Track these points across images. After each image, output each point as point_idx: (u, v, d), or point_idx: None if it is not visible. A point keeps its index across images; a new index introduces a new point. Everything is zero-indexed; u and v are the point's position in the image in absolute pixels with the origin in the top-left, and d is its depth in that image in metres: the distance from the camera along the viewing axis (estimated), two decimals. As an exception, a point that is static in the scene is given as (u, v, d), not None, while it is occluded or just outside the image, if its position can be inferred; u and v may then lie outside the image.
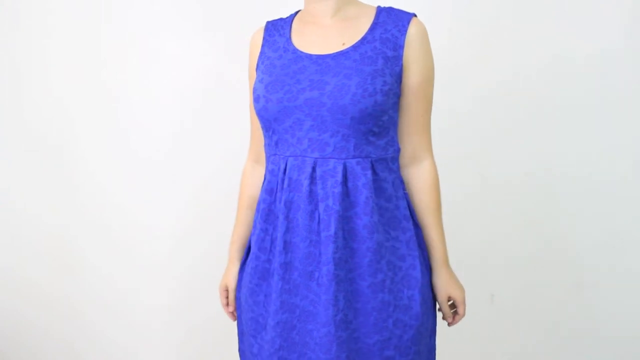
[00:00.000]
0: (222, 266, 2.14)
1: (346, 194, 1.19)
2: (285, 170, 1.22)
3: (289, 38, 1.29)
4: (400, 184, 1.27)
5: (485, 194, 2.05)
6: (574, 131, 1.99)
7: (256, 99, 1.25)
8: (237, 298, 1.39)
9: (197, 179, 2.16)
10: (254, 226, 1.30)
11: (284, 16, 1.40)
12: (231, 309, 1.43)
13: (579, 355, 2.10)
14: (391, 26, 1.24)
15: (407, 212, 1.26)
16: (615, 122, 1.97)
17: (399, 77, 1.22)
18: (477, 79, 1.98)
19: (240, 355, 1.41)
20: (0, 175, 2.26)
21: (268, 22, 1.37)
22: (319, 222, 1.19)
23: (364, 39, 1.23)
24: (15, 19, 2.16)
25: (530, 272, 2.07)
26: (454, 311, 1.34)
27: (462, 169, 2.02)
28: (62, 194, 2.22)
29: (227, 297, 1.44)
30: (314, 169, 1.19)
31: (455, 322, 1.36)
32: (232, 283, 1.41)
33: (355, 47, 1.21)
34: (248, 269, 1.32)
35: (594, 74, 1.95)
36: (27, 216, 2.26)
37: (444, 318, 1.36)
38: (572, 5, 1.93)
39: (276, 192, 1.25)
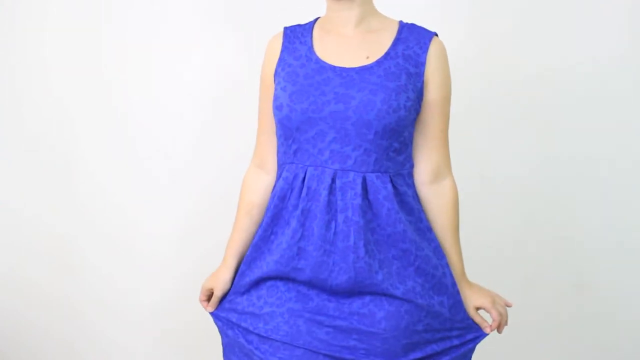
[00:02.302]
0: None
1: (368, 207, 1.22)
2: (304, 179, 1.24)
3: (311, 47, 1.29)
4: (418, 197, 1.31)
5: (485, 194, 2.05)
6: (574, 131, 1.99)
7: (278, 107, 1.25)
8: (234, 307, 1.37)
9: (198, 180, 2.16)
10: (264, 228, 1.30)
11: (296, 21, 1.40)
12: (210, 309, 1.41)
13: (579, 355, 2.10)
14: (413, 43, 1.26)
15: (429, 224, 1.30)
16: (616, 122, 1.97)
17: (420, 94, 1.25)
18: (477, 79, 1.98)
19: (226, 354, 1.39)
20: (0, 175, 2.26)
21: (286, 28, 1.36)
22: (335, 232, 1.21)
23: (387, 54, 1.24)
24: (16, 19, 2.16)
25: (530, 272, 2.08)
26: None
27: (462, 169, 2.02)
28: (62, 194, 2.22)
29: (208, 298, 1.42)
30: (333, 180, 1.21)
31: (496, 327, 1.33)
32: (219, 288, 1.39)
33: (379, 63, 1.23)
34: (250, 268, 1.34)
35: (594, 74, 1.95)
36: (27, 216, 2.26)
37: (482, 329, 1.34)
38: (572, 7, 1.93)
39: (289, 199, 1.26)
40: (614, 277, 2.04)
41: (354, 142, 1.20)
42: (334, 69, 1.24)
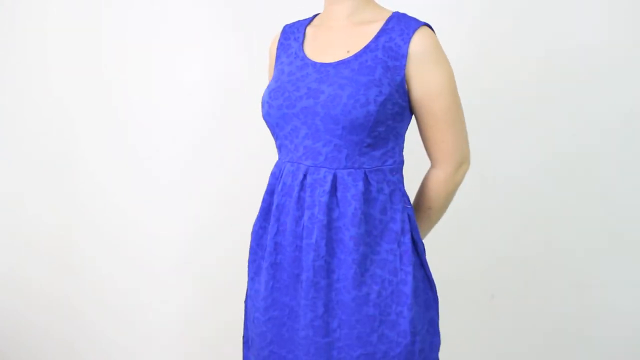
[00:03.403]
0: (222, 266, 2.14)
1: (336, 204, 1.20)
2: (282, 174, 1.25)
3: (302, 44, 1.30)
4: (402, 197, 1.26)
5: (485, 194, 2.05)
6: (574, 131, 1.99)
7: (262, 105, 1.28)
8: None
9: (198, 180, 2.16)
10: (255, 223, 1.33)
11: (299, 17, 1.40)
12: None
13: (579, 356, 2.10)
14: (397, 34, 1.21)
15: (406, 226, 1.24)
16: (616, 122, 1.97)
17: (400, 87, 1.20)
18: (476, 79, 1.98)
19: (244, 344, 1.43)
20: (1, 176, 2.26)
21: (286, 26, 1.38)
22: (303, 228, 1.21)
23: (367, 47, 1.22)
24: (16, 19, 2.16)
25: (530, 272, 2.07)
26: None
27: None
28: (62, 194, 2.22)
29: None
30: (305, 177, 1.21)
31: None
32: None
33: (357, 56, 1.21)
34: (249, 262, 1.36)
35: (595, 74, 1.95)
36: (27, 216, 2.26)
37: None
38: (573, 6, 1.93)
39: (274, 194, 1.28)
40: (615, 277, 2.04)
41: (324, 138, 1.19)
42: (314, 65, 1.24)
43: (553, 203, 2.04)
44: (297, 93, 1.21)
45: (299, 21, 1.38)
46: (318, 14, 1.38)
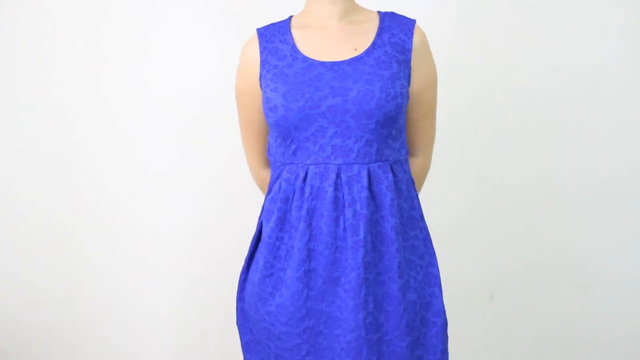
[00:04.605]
0: (222, 268, 2.14)
1: (372, 198, 1.22)
2: (305, 178, 1.23)
3: (294, 45, 1.27)
4: (412, 183, 1.32)
5: (485, 196, 2.05)
6: (573, 134, 1.99)
7: (272, 109, 1.23)
8: (240, 309, 1.37)
9: (200, 181, 2.16)
10: (268, 234, 1.28)
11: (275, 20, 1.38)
12: None
13: (579, 356, 2.10)
14: (397, 30, 1.27)
15: (421, 212, 1.31)
16: (615, 126, 1.97)
17: (409, 80, 1.26)
18: (476, 83, 1.98)
19: None
20: (1, 176, 2.26)
21: (259, 30, 1.34)
22: (344, 228, 1.21)
23: (374, 43, 1.25)
24: (16, 19, 2.16)
25: (530, 272, 2.08)
26: None
27: (462, 172, 2.03)
28: (62, 194, 2.22)
29: None
30: (338, 176, 1.21)
31: None
32: None
33: (368, 53, 1.24)
34: (256, 278, 1.29)
35: (594, 78, 1.95)
36: (27, 216, 2.26)
37: None
38: (572, 10, 1.93)
39: (292, 200, 1.24)
40: (613, 279, 2.04)
41: (355, 134, 1.20)
42: (324, 64, 1.23)
43: (552, 205, 2.04)
44: (319, 93, 1.20)
45: (273, 24, 1.34)
46: (292, 16, 1.35)
